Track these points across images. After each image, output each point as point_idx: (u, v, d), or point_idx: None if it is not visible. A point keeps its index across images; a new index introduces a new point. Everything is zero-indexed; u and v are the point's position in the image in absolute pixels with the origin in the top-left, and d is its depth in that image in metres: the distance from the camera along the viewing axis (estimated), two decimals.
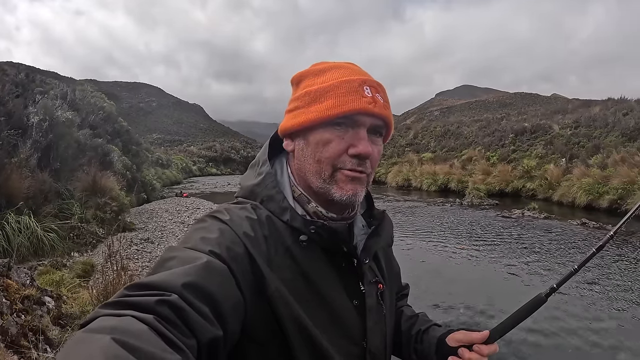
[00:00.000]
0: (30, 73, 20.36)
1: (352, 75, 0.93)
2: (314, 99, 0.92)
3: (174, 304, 0.62)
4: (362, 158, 0.91)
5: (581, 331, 5.02)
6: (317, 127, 0.92)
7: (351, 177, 0.91)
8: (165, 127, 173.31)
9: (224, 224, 0.85)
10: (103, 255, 6.62)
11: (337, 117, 0.89)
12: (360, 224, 1.06)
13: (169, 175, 35.03)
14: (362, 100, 0.89)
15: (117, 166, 15.49)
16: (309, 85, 0.95)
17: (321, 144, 0.91)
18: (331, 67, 0.97)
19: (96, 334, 0.52)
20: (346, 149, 0.90)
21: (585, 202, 14.32)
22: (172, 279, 0.67)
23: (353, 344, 0.93)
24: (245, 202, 0.96)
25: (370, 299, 0.99)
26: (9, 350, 2.65)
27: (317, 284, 0.89)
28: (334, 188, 0.92)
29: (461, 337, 1.04)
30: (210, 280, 0.70)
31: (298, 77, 1.00)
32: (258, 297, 0.80)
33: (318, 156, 0.92)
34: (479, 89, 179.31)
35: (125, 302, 0.61)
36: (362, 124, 0.91)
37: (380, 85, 0.95)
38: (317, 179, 0.93)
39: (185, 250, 0.77)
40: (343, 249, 0.95)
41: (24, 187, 7.82)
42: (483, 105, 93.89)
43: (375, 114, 0.91)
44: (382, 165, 32.39)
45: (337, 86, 0.90)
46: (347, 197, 0.92)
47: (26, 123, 10.35)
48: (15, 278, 3.32)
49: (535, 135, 24.88)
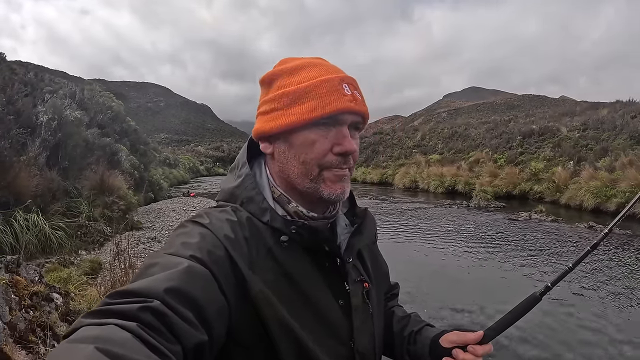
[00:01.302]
0: (39, 72, 20.49)
1: (329, 74, 0.92)
2: (294, 100, 0.90)
3: (157, 310, 0.62)
4: (347, 155, 0.91)
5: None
6: (300, 129, 0.90)
7: (339, 175, 0.92)
8: (172, 127, 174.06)
9: (205, 228, 0.84)
10: (110, 253, 6.66)
11: (322, 118, 0.88)
12: (343, 223, 1.06)
13: (176, 174, 35.14)
14: (343, 99, 0.89)
15: (125, 165, 15.59)
16: (285, 86, 0.93)
17: (306, 145, 0.91)
18: (304, 64, 0.95)
19: (80, 344, 0.52)
20: (331, 148, 0.90)
21: (592, 205, 14.21)
22: (154, 285, 0.66)
23: (340, 345, 0.92)
24: (226, 205, 0.96)
25: (356, 298, 0.98)
26: (18, 345, 2.68)
27: (301, 284, 0.88)
28: (322, 187, 0.92)
29: (455, 337, 1.03)
30: (192, 285, 0.69)
31: (269, 77, 0.98)
32: (242, 299, 0.79)
33: (303, 158, 0.91)
34: (487, 91, 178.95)
35: (107, 311, 0.60)
36: (344, 122, 0.91)
37: (355, 80, 0.95)
38: (303, 180, 0.93)
39: (166, 256, 0.76)
40: (325, 248, 0.95)
41: (32, 185, 7.90)
42: (491, 107, 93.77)
43: (357, 111, 0.91)
44: (390, 167, 32.35)
45: (318, 86, 0.89)
46: (336, 196, 0.92)
47: (35, 122, 10.44)
48: (24, 274, 3.35)
49: (543, 138, 24.79)
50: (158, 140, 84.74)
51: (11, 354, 2.48)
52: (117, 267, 4.96)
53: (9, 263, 3.24)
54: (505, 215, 14.13)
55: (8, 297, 2.86)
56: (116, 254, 5.02)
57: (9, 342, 2.60)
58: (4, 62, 16.21)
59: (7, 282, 2.93)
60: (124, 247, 5.32)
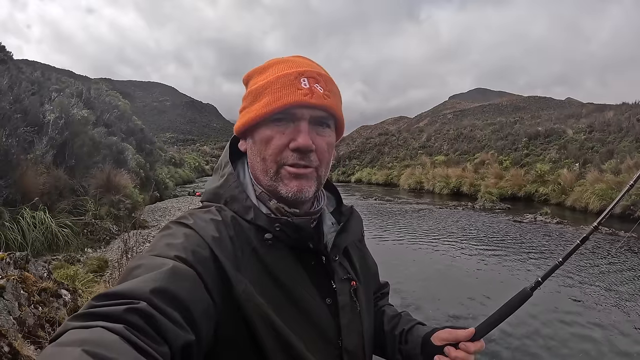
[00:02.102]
0: (45, 71, 20.62)
1: (290, 69, 0.92)
2: (255, 97, 0.92)
3: (143, 312, 0.61)
4: (303, 151, 0.89)
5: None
6: (260, 125, 0.92)
7: (294, 173, 0.91)
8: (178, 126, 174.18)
9: (189, 228, 0.83)
10: (117, 251, 6.69)
11: (273, 113, 0.88)
12: (330, 222, 1.05)
13: (181, 174, 35.17)
14: (297, 92, 0.88)
15: (131, 164, 15.66)
16: (253, 84, 0.95)
17: (264, 142, 0.91)
18: (275, 63, 0.96)
19: (67, 347, 0.51)
20: (287, 143, 0.90)
21: (598, 208, 14.12)
22: (139, 287, 0.65)
23: (327, 343, 0.91)
24: (210, 205, 0.95)
25: (343, 297, 0.97)
26: (27, 340, 2.71)
27: (286, 283, 0.87)
28: (280, 185, 0.92)
29: (447, 335, 1.03)
30: (178, 285, 0.69)
31: (247, 76, 1.00)
32: (227, 299, 0.78)
33: (263, 154, 0.92)
34: (493, 92, 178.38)
35: (94, 313, 0.60)
36: (301, 117, 0.89)
37: (321, 74, 0.93)
38: (264, 177, 0.94)
39: (151, 257, 0.75)
40: (309, 245, 0.94)
41: (39, 183, 7.95)
42: (497, 108, 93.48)
43: (312, 104, 0.89)
44: (395, 168, 32.34)
45: (273, 82, 0.90)
46: (293, 194, 0.91)
47: (42, 120, 10.49)
48: (33, 271, 3.38)
49: (548, 140, 24.74)
50: (164, 139, 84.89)
51: (20, 348, 2.51)
52: (125, 265, 4.98)
53: (18, 259, 3.27)
54: (511, 217, 14.11)
55: (17, 293, 2.89)
56: (124, 251, 5.04)
57: (18, 337, 2.63)
58: (11, 61, 16.33)
59: (17, 278, 2.96)
60: (133, 243, 5.34)
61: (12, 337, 2.53)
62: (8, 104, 9.33)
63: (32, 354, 2.59)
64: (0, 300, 2.71)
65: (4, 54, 16.29)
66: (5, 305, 2.72)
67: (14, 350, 2.44)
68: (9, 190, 7.17)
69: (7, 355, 2.38)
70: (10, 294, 2.81)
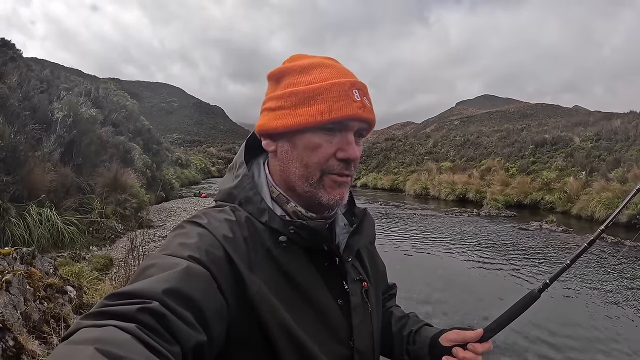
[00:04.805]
0: (54, 70, 20.74)
1: (340, 77, 0.90)
2: (302, 101, 0.89)
3: (156, 311, 0.61)
4: (350, 162, 0.91)
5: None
6: (306, 131, 0.89)
7: (339, 182, 0.92)
8: (185, 128, 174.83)
9: (203, 228, 0.83)
10: (122, 250, 6.71)
11: (328, 123, 0.87)
12: (342, 223, 1.05)
13: (187, 175, 35.26)
14: (352, 105, 0.87)
15: (138, 164, 15.73)
16: (294, 85, 0.91)
17: (310, 148, 0.89)
18: (316, 64, 0.93)
19: (79, 345, 0.52)
20: (334, 152, 0.89)
21: (604, 217, 14.07)
22: (152, 286, 0.65)
23: (340, 344, 0.91)
24: (224, 205, 0.95)
25: (355, 298, 0.97)
26: (31, 335, 2.73)
27: (300, 284, 0.88)
28: (321, 192, 0.91)
29: (454, 336, 1.03)
30: (191, 285, 0.69)
31: (278, 73, 0.96)
32: (240, 300, 0.79)
33: (306, 160, 0.90)
34: (500, 99, 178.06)
35: (106, 312, 0.60)
36: (351, 128, 0.90)
37: (365, 86, 0.93)
38: (303, 183, 0.92)
39: (164, 257, 0.75)
40: (324, 247, 0.94)
41: (46, 180, 7.99)
42: (504, 115, 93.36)
43: (365, 118, 0.90)
44: (401, 173, 32.29)
45: (328, 89, 0.87)
46: (335, 202, 0.92)
47: (50, 118, 10.57)
48: (39, 267, 3.40)
49: (555, 147, 24.64)
50: (171, 140, 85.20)
51: (25, 343, 2.53)
52: (132, 262, 5.00)
53: (25, 255, 3.29)
54: (516, 225, 14.07)
55: (23, 288, 2.90)
56: (130, 249, 5.06)
57: (23, 331, 2.64)
58: (20, 59, 16.42)
59: (23, 273, 2.98)
60: (139, 242, 5.36)
61: (17, 332, 2.54)
62: (17, 101, 9.38)
63: (36, 348, 2.61)
64: (7, 294, 2.73)
65: (14, 51, 16.39)
66: (11, 300, 2.74)
67: (19, 344, 2.45)
68: (16, 186, 7.21)
69: (12, 349, 2.39)
70: (16, 289, 2.82)
